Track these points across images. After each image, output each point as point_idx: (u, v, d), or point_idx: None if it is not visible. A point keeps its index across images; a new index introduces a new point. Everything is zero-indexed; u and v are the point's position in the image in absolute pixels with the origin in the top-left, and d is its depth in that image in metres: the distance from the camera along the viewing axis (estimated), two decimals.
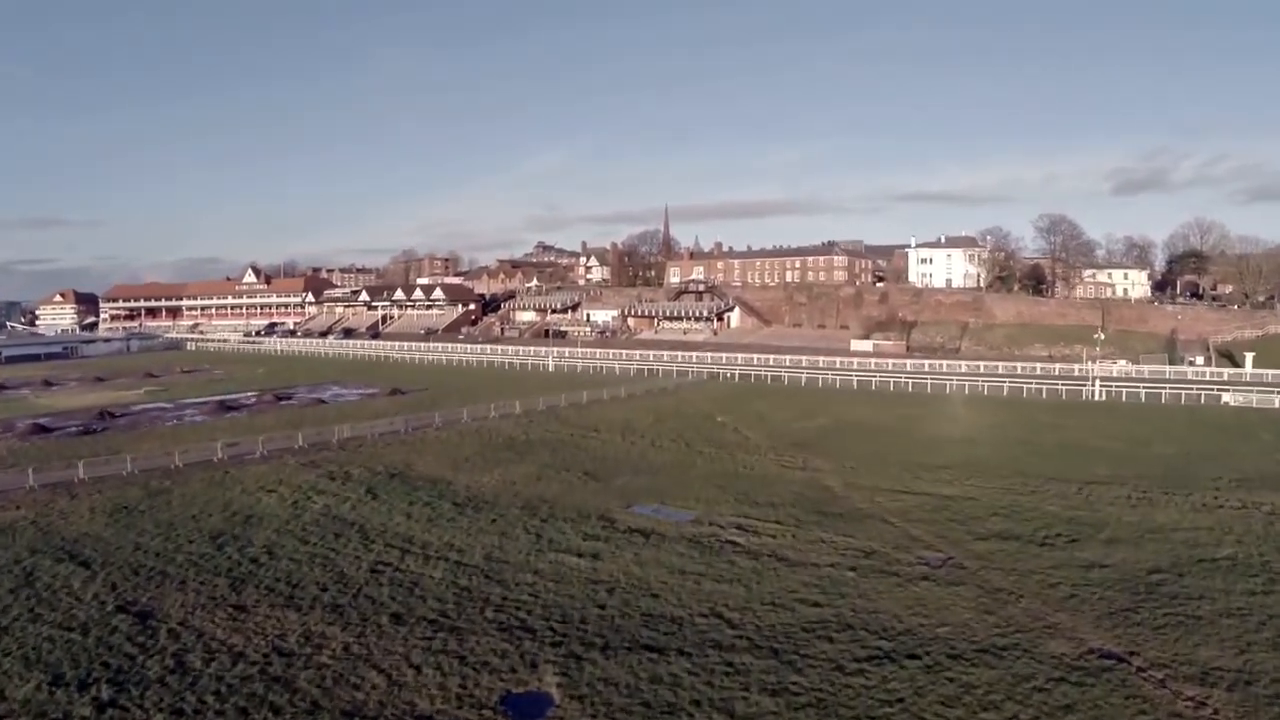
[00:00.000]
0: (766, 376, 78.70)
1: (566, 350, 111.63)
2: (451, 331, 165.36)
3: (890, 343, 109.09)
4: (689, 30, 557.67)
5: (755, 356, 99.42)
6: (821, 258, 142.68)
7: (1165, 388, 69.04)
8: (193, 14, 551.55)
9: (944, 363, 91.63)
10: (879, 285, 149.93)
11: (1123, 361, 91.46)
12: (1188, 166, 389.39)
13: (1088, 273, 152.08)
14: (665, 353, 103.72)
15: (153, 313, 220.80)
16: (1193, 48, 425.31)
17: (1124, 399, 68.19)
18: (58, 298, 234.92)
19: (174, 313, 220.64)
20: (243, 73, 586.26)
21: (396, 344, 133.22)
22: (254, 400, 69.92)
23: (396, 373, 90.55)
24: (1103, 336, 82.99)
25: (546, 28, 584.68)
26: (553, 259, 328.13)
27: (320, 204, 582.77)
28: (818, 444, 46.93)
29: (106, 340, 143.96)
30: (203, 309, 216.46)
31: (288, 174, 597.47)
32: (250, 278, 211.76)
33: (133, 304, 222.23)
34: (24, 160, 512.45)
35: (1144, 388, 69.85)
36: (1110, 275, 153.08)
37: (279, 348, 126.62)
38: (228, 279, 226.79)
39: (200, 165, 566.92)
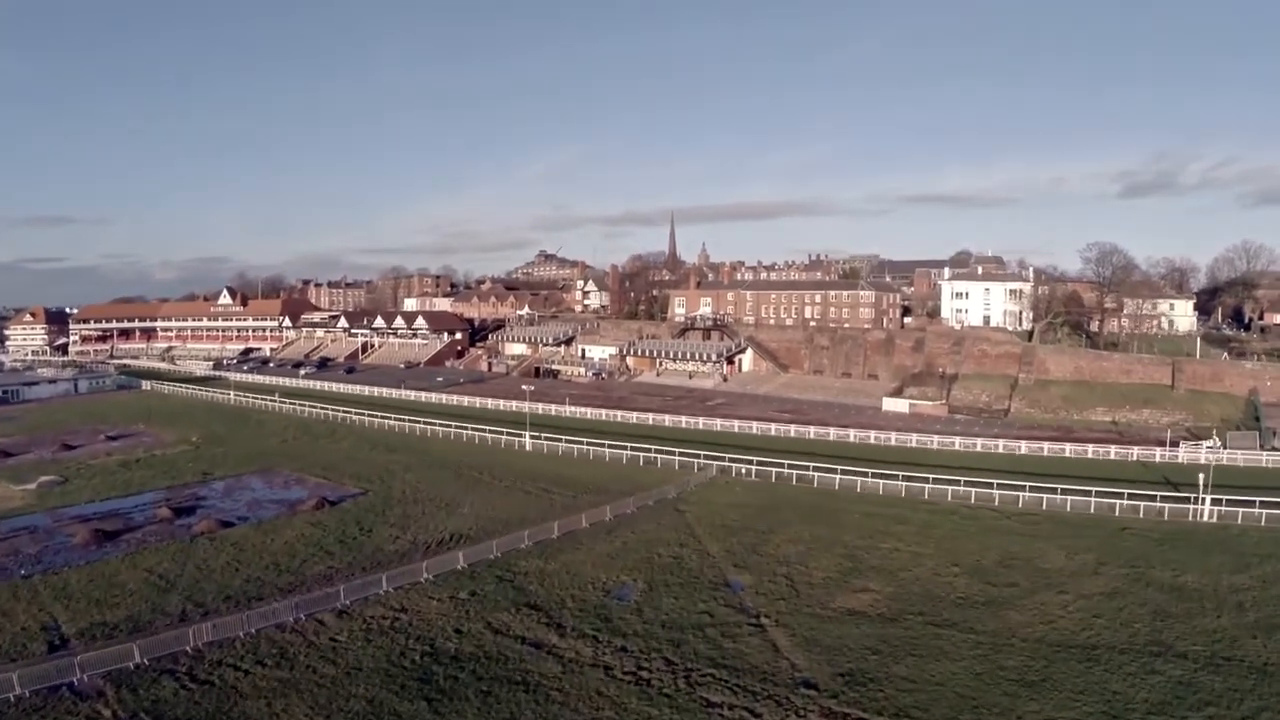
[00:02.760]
0: (791, 474, 63.78)
1: (554, 408, 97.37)
2: (435, 364, 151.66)
3: (929, 402, 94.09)
4: (694, 29, 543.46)
5: (774, 426, 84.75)
6: (845, 292, 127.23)
7: None
8: (203, 14, 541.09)
9: (999, 441, 76.74)
10: (908, 322, 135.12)
11: (1209, 441, 76.44)
12: (1195, 170, 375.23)
13: (1131, 303, 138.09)
14: (667, 418, 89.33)
15: (126, 334, 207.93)
16: (1200, 51, 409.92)
17: (1240, 520, 53.36)
18: (28, 317, 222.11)
19: (148, 334, 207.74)
20: (250, 74, 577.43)
21: (366, 390, 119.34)
22: (148, 515, 55.77)
23: (345, 451, 76.24)
24: (1216, 441, 68.10)
25: (553, 27, 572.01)
26: (554, 269, 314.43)
27: (328, 203, 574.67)
28: (878, 670, 32.25)
29: (52, 381, 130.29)
30: (177, 331, 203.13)
31: (296, 174, 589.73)
32: (225, 299, 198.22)
33: (105, 325, 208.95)
34: (32, 158, 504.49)
35: (1260, 503, 54.54)
36: (1155, 305, 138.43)
37: (233, 395, 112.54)
38: (204, 298, 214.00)
39: (209, 165, 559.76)
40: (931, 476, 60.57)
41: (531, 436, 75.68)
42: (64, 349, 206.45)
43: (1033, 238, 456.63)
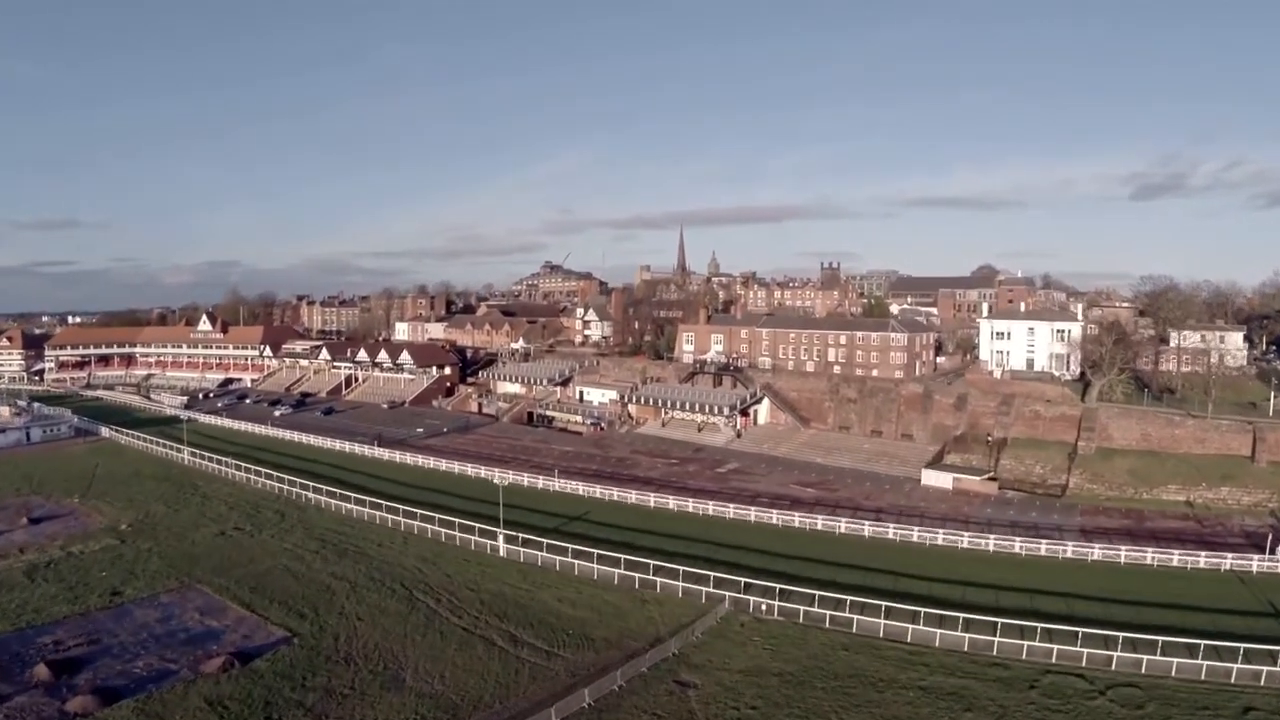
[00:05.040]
0: (824, 615, 51.02)
1: (540, 480, 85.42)
2: (421, 403, 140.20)
3: (975, 477, 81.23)
4: (701, 33, 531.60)
5: (797, 515, 72.31)
6: (873, 334, 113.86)
7: None
8: (210, 16, 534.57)
9: (1067, 544, 64.26)
10: (941, 361, 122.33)
11: None
12: (1205, 171, 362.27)
13: (1178, 335, 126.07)
14: (671, 500, 77.18)
15: (105, 360, 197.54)
16: (1210, 53, 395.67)
17: None
18: (4, 341, 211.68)
19: (128, 360, 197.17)
20: (264, 82, 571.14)
21: (336, 445, 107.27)
22: (24, 676, 44.16)
23: (286, 556, 64.30)
24: None
25: (562, 31, 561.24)
26: (559, 280, 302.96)
27: (338, 207, 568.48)
28: None
29: (2, 431, 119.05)
30: (157, 358, 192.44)
31: (306, 178, 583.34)
32: (205, 325, 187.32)
33: (83, 351, 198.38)
34: (39, 161, 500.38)
35: None
36: (1204, 337, 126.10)
37: (186, 455, 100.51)
38: (186, 322, 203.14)
39: (221, 170, 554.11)
40: (999, 622, 48.22)
41: (506, 539, 63.68)
42: (41, 375, 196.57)
43: (1042, 240, 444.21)
